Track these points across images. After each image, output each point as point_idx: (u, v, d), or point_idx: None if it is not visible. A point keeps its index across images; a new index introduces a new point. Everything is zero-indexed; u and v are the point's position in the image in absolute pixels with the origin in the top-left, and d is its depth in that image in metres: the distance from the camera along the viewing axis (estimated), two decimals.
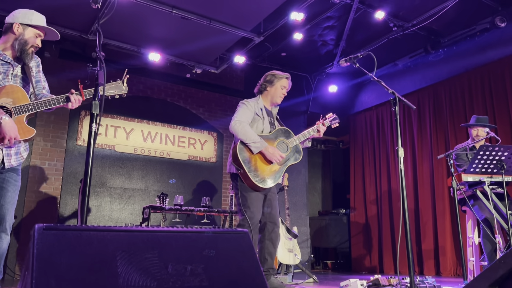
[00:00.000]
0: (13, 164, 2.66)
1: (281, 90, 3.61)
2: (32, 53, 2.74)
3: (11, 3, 4.86)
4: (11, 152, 2.65)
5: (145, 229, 1.54)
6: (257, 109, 3.52)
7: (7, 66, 2.67)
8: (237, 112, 3.47)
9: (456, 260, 5.91)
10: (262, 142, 3.31)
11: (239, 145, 3.30)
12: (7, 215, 2.64)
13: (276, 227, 3.44)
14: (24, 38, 2.70)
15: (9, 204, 2.66)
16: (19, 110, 2.55)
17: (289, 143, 3.50)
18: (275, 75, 3.64)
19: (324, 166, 9.17)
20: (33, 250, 1.29)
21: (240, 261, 1.61)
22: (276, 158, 3.32)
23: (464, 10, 5.40)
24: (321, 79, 7.63)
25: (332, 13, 5.55)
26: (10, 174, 2.69)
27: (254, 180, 3.24)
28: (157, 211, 4.98)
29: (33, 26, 2.72)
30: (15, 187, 2.72)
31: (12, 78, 2.68)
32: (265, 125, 3.50)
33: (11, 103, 2.54)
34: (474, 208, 4.03)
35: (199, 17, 5.15)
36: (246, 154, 3.30)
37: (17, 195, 2.73)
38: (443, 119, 6.36)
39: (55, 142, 5.72)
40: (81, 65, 5.83)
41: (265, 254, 3.37)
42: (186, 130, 6.74)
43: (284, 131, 3.56)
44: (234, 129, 3.34)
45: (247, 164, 3.27)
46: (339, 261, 7.83)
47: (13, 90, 2.59)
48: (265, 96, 3.65)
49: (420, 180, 6.52)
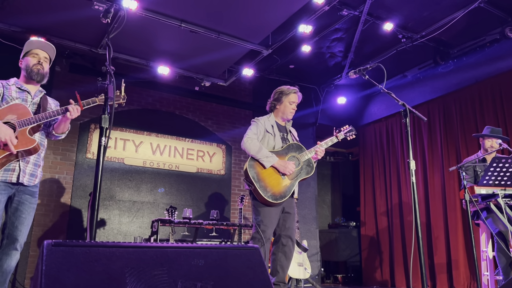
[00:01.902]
0: (24, 182, 2.79)
1: (290, 106, 3.64)
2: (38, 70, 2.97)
3: (24, 19, 4.94)
4: (27, 170, 2.82)
5: (154, 245, 1.51)
6: (268, 126, 3.57)
7: (25, 94, 2.93)
8: (248, 130, 3.54)
9: (469, 274, 5.79)
10: (273, 157, 3.36)
11: (249, 162, 3.37)
12: (20, 236, 2.79)
13: (291, 241, 3.44)
14: (26, 65, 2.98)
15: (23, 226, 2.82)
16: (22, 123, 2.72)
17: (301, 158, 3.51)
18: (282, 92, 3.67)
19: (333, 178, 9.11)
20: (42, 267, 1.27)
21: (251, 277, 1.58)
22: (288, 170, 3.35)
23: (473, 21, 5.37)
24: (330, 91, 7.62)
25: (340, 25, 5.55)
26: (26, 196, 2.86)
27: (264, 196, 3.28)
28: (166, 224, 4.95)
29: (26, 52, 3.00)
30: (30, 209, 2.88)
31: (31, 106, 2.92)
32: (277, 141, 3.55)
33: (15, 118, 2.73)
34: (487, 221, 3.95)
35: (208, 30, 5.18)
36: (257, 170, 3.35)
37: (32, 217, 2.91)
38: (453, 131, 6.29)
39: (65, 155, 5.75)
40: (91, 79, 5.90)
41: (277, 266, 3.36)
42: (195, 143, 6.74)
43: (296, 146, 3.58)
44: (246, 146, 3.41)
45: (257, 180, 3.31)
46: (350, 275, 7.71)
47: (18, 107, 2.79)
48: (276, 113, 3.71)
49: (432, 192, 6.43)
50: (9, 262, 2.73)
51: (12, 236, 2.74)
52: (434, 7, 5.13)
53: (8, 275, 2.73)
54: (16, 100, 2.84)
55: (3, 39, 4.99)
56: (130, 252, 1.41)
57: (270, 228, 3.33)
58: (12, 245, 2.74)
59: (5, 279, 2.72)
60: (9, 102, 2.81)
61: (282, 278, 3.35)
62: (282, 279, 3.35)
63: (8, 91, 2.86)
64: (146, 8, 4.72)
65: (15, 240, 2.75)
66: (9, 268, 2.73)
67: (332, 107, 7.72)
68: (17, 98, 2.85)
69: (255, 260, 1.63)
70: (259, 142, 3.46)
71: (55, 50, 3.12)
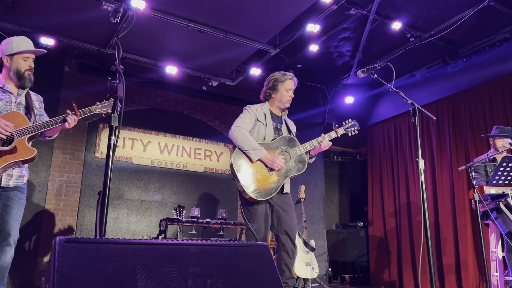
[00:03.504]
0: (9, 184, 2.84)
1: (286, 93, 3.40)
2: (29, 76, 2.96)
3: (34, 20, 4.98)
4: (13, 173, 2.86)
5: (165, 242, 1.52)
6: (259, 114, 3.34)
7: (8, 95, 2.91)
8: (238, 118, 3.31)
9: (478, 275, 5.74)
10: (261, 150, 3.12)
11: (235, 154, 3.13)
12: (12, 231, 2.84)
13: (289, 238, 3.20)
14: (15, 67, 2.92)
15: (13, 220, 2.87)
16: (21, 133, 2.75)
17: (292, 153, 3.26)
18: (277, 79, 3.43)
19: (341, 178, 9.08)
20: (54, 263, 1.29)
21: (260, 275, 1.58)
22: (276, 165, 3.11)
23: (483, 20, 5.33)
24: (337, 90, 7.60)
25: (348, 24, 5.54)
26: (14, 192, 2.90)
27: (248, 191, 3.03)
28: (174, 223, 4.97)
29: (17, 53, 2.92)
30: (20, 205, 2.93)
31: (16, 106, 2.93)
32: (268, 131, 3.31)
33: (13, 127, 2.75)
34: (497, 221, 3.92)
35: (216, 30, 5.19)
36: (242, 162, 3.11)
37: (21, 212, 2.95)
38: (462, 130, 6.25)
39: (74, 154, 5.79)
40: (100, 79, 5.94)
41: (282, 265, 3.21)
42: (202, 142, 6.76)
43: (289, 140, 3.32)
44: (233, 135, 3.19)
45: (242, 173, 3.07)
46: (357, 275, 7.68)
47: (15, 116, 2.82)
48: (271, 103, 3.47)
49: (440, 192, 6.39)
50: (5, 258, 2.78)
51: (4, 231, 2.79)
52: (443, 5, 5.10)
53: (5, 271, 2.79)
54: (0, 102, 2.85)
55: None
56: (141, 249, 1.43)
57: (263, 227, 3.11)
58: (6, 241, 2.79)
59: (3, 275, 2.78)
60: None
61: (289, 275, 3.23)
62: (288, 276, 3.23)
63: None
64: (154, 8, 4.75)
65: (8, 235, 2.79)
66: (5, 264, 2.78)
67: (340, 106, 7.70)
68: (1, 100, 2.86)
69: (264, 258, 1.63)
70: (248, 132, 3.21)
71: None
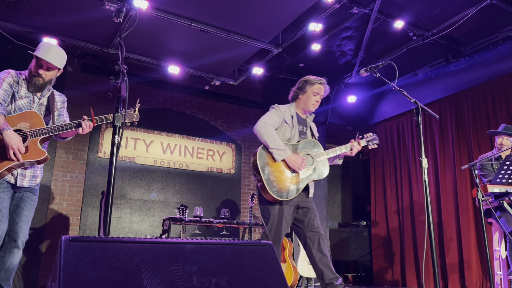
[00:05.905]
0: (24, 185, 2.79)
1: (313, 97, 3.36)
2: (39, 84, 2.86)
3: (37, 20, 5.00)
4: (26, 173, 2.81)
5: (170, 241, 1.53)
6: (287, 116, 3.30)
7: (31, 95, 2.88)
8: (265, 115, 3.26)
9: (482, 274, 5.73)
10: (286, 150, 3.08)
11: (260, 150, 3.11)
12: (21, 233, 2.80)
13: (317, 235, 3.15)
14: (30, 67, 2.88)
15: (23, 222, 2.83)
16: (34, 134, 2.72)
17: (316, 157, 3.25)
18: (307, 81, 3.41)
19: (343, 177, 9.07)
20: (60, 262, 1.29)
21: (265, 274, 1.58)
22: (298, 166, 3.07)
23: (485, 18, 5.32)
24: (340, 89, 7.59)
25: (350, 23, 5.53)
26: (27, 193, 2.86)
27: (269, 190, 3.00)
28: (177, 222, 4.98)
29: (36, 56, 2.86)
30: (31, 206, 2.88)
31: (37, 106, 2.90)
32: (294, 133, 3.27)
33: (28, 127, 2.73)
34: (500, 220, 3.91)
35: (218, 29, 5.20)
36: (266, 161, 3.09)
37: (32, 214, 2.91)
38: (465, 129, 6.23)
39: (77, 154, 5.80)
40: (103, 79, 5.96)
41: (319, 267, 3.08)
42: (205, 142, 6.76)
43: (313, 144, 3.31)
44: (259, 130, 3.13)
45: (265, 172, 3.04)
46: (360, 274, 7.68)
47: (31, 115, 2.78)
48: (297, 104, 3.43)
49: (443, 191, 6.38)
50: (12, 260, 2.76)
51: (13, 233, 2.76)
52: (445, 4, 5.09)
53: (11, 272, 2.77)
54: (24, 99, 2.83)
55: (16, 39, 5.05)
56: (146, 247, 1.43)
57: (278, 227, 3.05)
58: (14, 243, 2.76)
59: (9, 276, 2.76)
60: (17, 100, 2.81)
61: (331, 274, 3.06)
62: (331, 275, 3.05)
63: (19, 89, 2.84)
64: (156, 7, 4.75)
65: (17, 237, 2.77)
66: (12, 266, 2.76)
67: (342, 105, 7.70)
68: (25, 97, 2.84)
69: (269, 257, 1.63)
70: (275, 130, 3.16)
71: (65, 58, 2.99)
